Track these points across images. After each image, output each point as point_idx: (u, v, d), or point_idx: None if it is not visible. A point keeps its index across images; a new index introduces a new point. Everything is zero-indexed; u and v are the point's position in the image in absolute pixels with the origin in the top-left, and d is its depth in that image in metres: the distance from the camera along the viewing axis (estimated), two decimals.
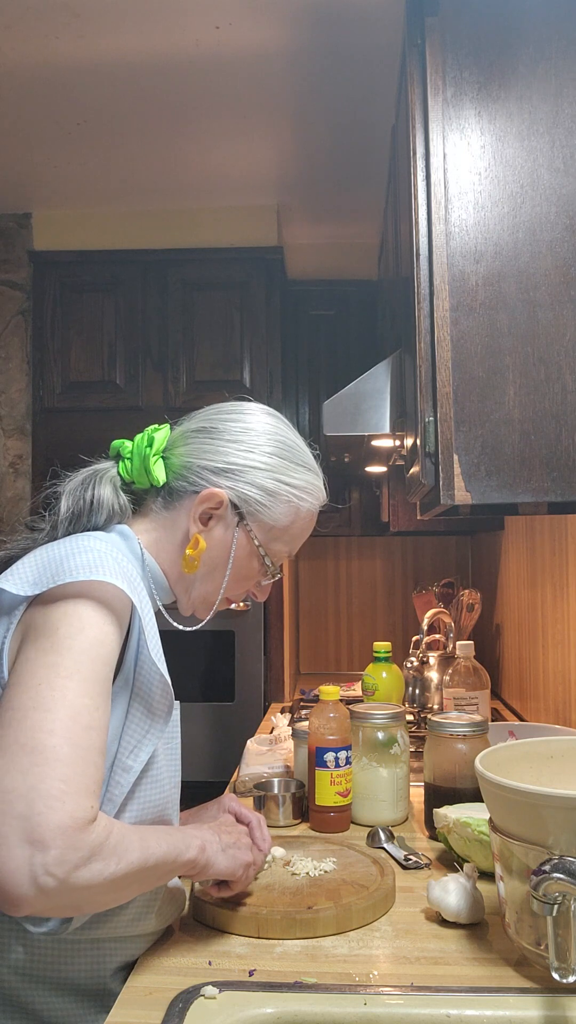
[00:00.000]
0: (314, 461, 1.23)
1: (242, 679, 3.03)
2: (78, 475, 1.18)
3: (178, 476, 1.16)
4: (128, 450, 1.19)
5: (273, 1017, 0.97)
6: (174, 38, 2.20)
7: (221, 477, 1.15)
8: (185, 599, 1.19)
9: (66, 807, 0.86)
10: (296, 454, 1.20)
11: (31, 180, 3.02)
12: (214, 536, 1.16)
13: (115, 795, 1.01)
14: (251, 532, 1.16)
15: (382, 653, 2.20)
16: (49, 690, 0.91)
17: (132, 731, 1.03)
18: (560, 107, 1.46)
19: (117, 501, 1.15)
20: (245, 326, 3.15)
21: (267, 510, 1.16)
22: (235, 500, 1.15)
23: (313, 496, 1.21)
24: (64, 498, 1.14)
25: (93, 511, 1.14)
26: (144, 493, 1.19)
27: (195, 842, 1.05)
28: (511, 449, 1.43)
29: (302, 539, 1.23)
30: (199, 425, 1.20)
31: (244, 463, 1.15)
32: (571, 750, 1.18)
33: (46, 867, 0.84)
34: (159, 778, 1.06)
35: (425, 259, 1.47)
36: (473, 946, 1.11)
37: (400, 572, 3.85)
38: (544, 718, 2.26)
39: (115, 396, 3.14)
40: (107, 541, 1.08)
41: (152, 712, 1.04)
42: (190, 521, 1.15)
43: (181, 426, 1.22)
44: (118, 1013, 0.97)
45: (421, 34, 1.50)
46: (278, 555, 1.21)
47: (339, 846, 1.42)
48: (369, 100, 2.49)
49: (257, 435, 1.18)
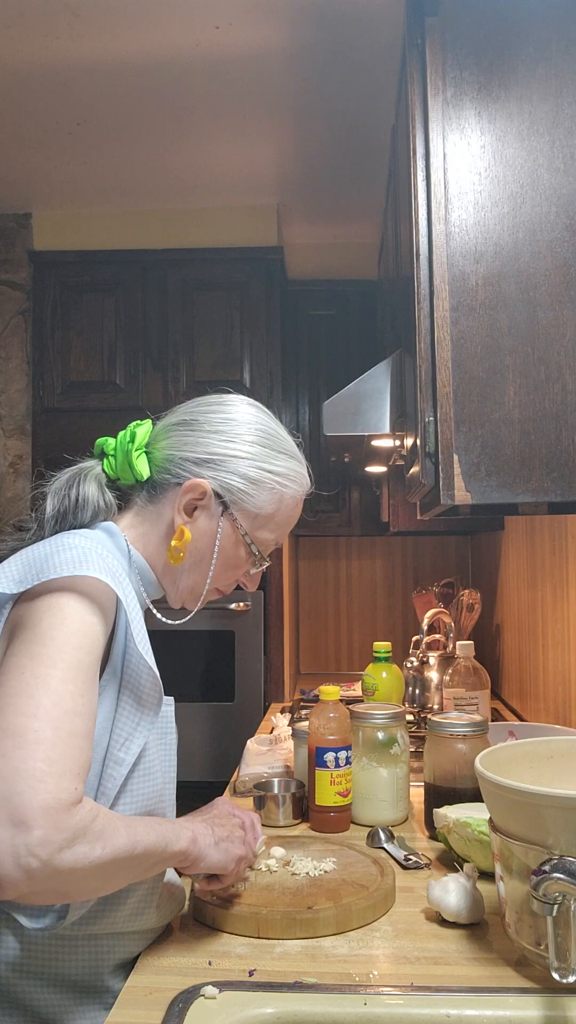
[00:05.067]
0: (296, 449, 1.23)
1: (242, 679, 3.03)
2: (63, 474, 1.19)
3: (161, 469, 1.17)
4: (112, 447, 1.20)
5: (273, 1017, 0.97)
6: (174, 38, 2.20)
7: (203, 468, 1.16)
8: (173, 591, 1.20)
9: (48, 788, 0.86)
10: (277, 442, 1.20)
11: (31, 180, 3.02)
12: (199, 526, 1.16)
13: (108, 788, 1.01)
14: (236, 521, 1.17)
15: (382, 653, 2.20)
16: (32, 677, 0.92)
17: (122, 724, 1.04)
18: (560, 107, 1.46)
19: (102, 498, 1.17)
20: (245, 326, 3.15)
21: (251, 498, 1.16)
22: (218, 490, 1.15)
23: (296, 483, 1.21)
24: (49, 497, 1.16)
25: (79, 509, 1.15)
26: (130, 489, 1.20)
27: (186, 833, 1.05)
28: (511, 449, 1.43)
29: (288, 526, 1.23)
30: (180, 418, 1.21)
31: (226, 453, 1.16)
32: (571, 750, 1.18)
33: (29, 848, 0.83)
34: (151, 771, 1.07)
35: (425, 259, 1.47)
36: (473, 946, 1.11)
37: (400, 572, 3.85)
38: (544, 718, 2.26)
39: (115, 396, 3.14)
40: (92, 538, 1.08)
41: (142, 704, 1.05)
42: (175, 513, 1.15)
43: (163, 420, 1.23)
44: (118, 1013, 0.97)
45: (421, 34, 1.50)
46: (265, 543, 1.21)
47: (339, 846, 1.42)
48: (369, 100, 2.49)
49: (237, 424, 1.18)
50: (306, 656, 3.85)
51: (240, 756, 2.12)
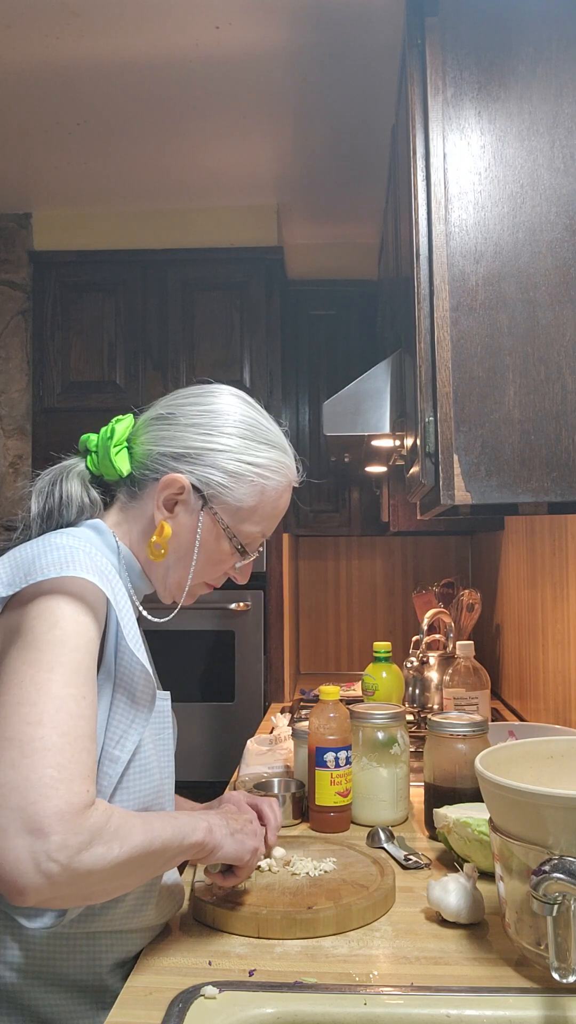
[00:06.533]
0: (282, 438, 1.21)
1: (242, 679, 3.03)
2: (47, 473, 1.18)
3: (141, 465, 1.16)
4: (94, 443, 1.19)
5: (273, 1017, 0.97)
6: (174, 38, 2.20)
7: (181, 462, 1.14)
8: (162, 586, 1.19)
9: (60, 793, 0.86)
10: (259, 432, 1.17)
11: (31, 180, 3.02)
12: (180, 522, 1.15)
13: (104, 786, 1.01)
14: (216, 515, 1.15)
15: (382, 653, 2.20)
16: (32, 684, 0.92)
17: (117, 721, 1.04)
18: (560, 107, 1.46)
19: (87, 495, 1.16)
20: (245, 326, 3.15)
21: (230, 492, 1.14)
22: (197, 484, 1.14)
23: (280, 474, 1.18)
24: (34, 497, 1.16)
25: (63, 507, 1.15)
26: (114, 485, 1.19)
27: (202, 824, 1.06)
28: (511, 449, 1.43)
29: (275, 518, 1.21)
30: (158, 412, 1.19)
31: (203, 446, 1.14)
32: (571, 750, 1.18)
33: (48, 854, 0.84)
34: (147, 768, 1.07)
35: (425, 259, 1.47)
36: (473, 946, 1.11)
37: (400, 572, 3.85)
38: (544, 718, 2.26)
39: (115, 396, 3.14)
40: (79, 537, 1.08)
41: (135, 702, 1.05)
42: (154, 509, 1.14)
43: (144, 414, 1.22)
44: (118, 1013, 0.97)
45: (421, 34, 1.50)
46: (250, 536, 1.19)
47: (339, 846, 1.42)
48: (369, 100, 2.49)
49: (216, 416, 1.16)
50: (306, 656, 3.85)
51: (240, 756, 2.12)
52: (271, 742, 2.18)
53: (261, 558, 3.05)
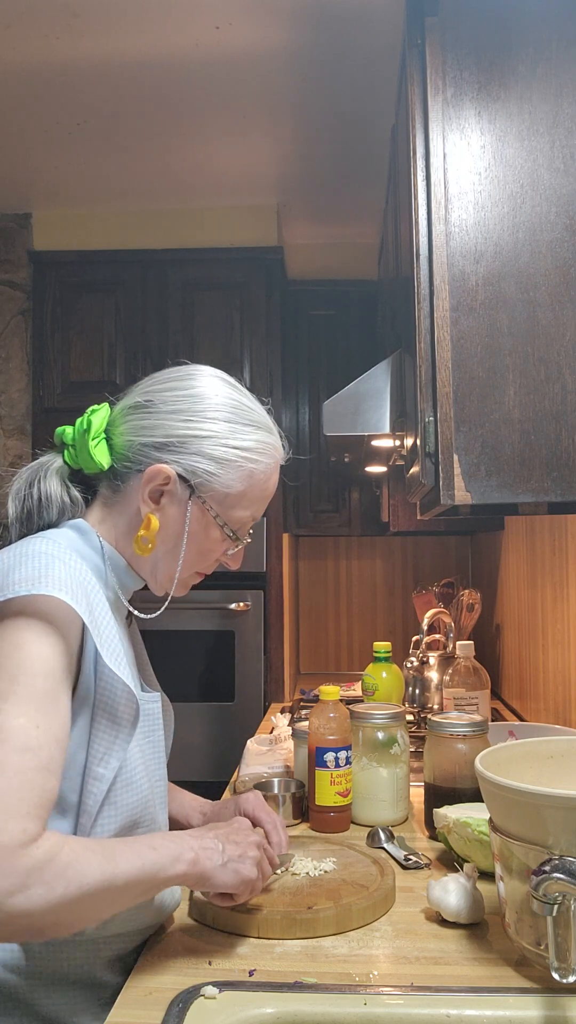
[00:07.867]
0: (266, 417, 1.16)
1: (242, 679, 3.03)
2: (23, 472, 1.13)
3: (122, 457, 1.11)
4: (70, 436, 1.13)
5: (273, 1017, 0.97)
6: (174, 38, 2.20)
7: (164, 452, 1.09)
8: (153, 580, 1.15)
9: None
10: (243, 414, 1.12)
11: (31, 180, 3.02)
12: (167, 513, 1.10)
13: (89, 804, 0.99)
14: (205, 503, 1.10)
15: (382, 653, 2.20)
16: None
17: (99, 741, 1.01)
18: (560, 107, 1.46)
19: (67, 494, 1.11)
20: (245, 326, 3.15)
21: (218, 479, 1.09)
22: (183, 473, 1.08)
23: (267, 455, 1.13)
24: (11, 499, 1.11)
25: (43, 508, 1.10)
26: (95, 479, 1.14)
27: (187, 855, 1.00)
28: (511, 449, 1.43)
29: (264, 501, 1.15)
30: (136, 400, 1.14)
31: (187, 433, 1.09)
32: (571, 750, 1.18)
33: None
34: (133, 781, 1.04)
35: (425, 259, 1.47)
36: (473, 946, 1.11)
37: (400, 572, 3.85)
38: (544, 718, 2.26)
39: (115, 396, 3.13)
40: (58, 542, 1.04)
41: (117, 721, 1.02)
42: (140, 502, 1.09)
43: (121, 402, 1.16)
44: (118, 1013, 0.97)
45: (421, 34, 1.50)
46: (240, 521, 1.13)
47: (339, 846, 1.42)
48: (369, 100, 2.49)
49: (198, 401, 1.10)
50: (306, 656, 3.85)
51: (240, 756, 2.12)
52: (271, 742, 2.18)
53: (261, 558, 3.05)
